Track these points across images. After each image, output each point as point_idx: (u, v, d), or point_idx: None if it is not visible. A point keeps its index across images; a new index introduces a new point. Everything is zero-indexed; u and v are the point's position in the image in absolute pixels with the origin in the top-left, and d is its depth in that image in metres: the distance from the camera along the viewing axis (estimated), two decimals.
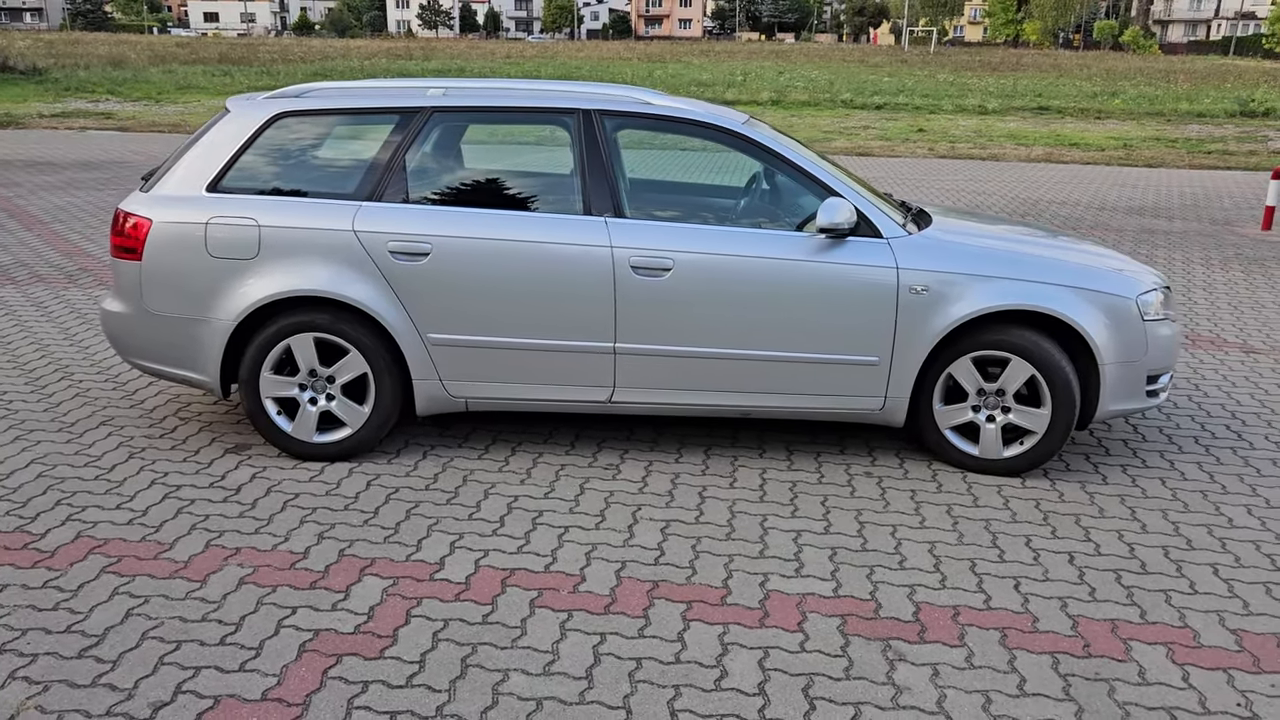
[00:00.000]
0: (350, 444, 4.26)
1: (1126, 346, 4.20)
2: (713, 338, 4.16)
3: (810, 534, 3.77)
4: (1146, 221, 11.44)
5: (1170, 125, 25.12)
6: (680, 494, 4.08)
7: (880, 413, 4.29)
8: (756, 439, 4.67)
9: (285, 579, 3.36)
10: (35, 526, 3.67)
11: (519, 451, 4.47)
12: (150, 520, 3.74)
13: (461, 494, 4.04)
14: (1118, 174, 16.16)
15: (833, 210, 4.04)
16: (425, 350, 4.18)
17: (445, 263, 4.10)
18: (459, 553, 3.56)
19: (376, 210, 4.15)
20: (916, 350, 4.16)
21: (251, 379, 4.19)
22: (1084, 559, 3.63)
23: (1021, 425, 4.24)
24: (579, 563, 3.51)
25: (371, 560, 3.50)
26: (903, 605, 3.29)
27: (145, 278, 4.18)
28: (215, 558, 3.48)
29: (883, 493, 4.14)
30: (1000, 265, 4.17)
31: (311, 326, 4.13)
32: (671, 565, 3.51)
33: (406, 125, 4.24)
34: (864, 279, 4.12)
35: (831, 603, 3.30)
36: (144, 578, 3.34)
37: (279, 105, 4.27)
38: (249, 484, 4.08)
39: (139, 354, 4.33)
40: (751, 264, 4.11)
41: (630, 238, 4.12)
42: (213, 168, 4.21)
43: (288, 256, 4.11)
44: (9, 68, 30.12)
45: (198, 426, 4.67)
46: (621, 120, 4.30)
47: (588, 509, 3.93)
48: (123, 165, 14.02)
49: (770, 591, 3.36)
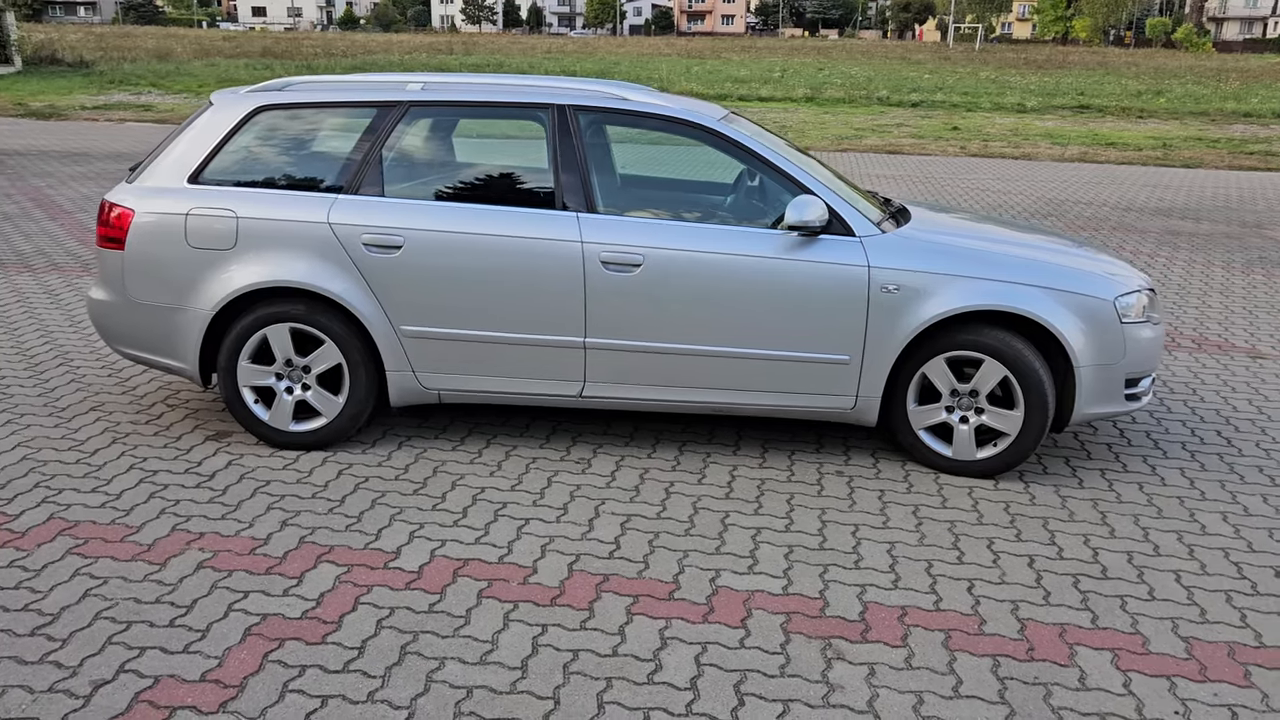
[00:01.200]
0: (325, 433, 4.32)
1: (1104, 349, 4.14)
2: (683, 334, 4.16)
3: (770, 531, 3.77)
4: (1173, 223, 11.23)
5: (1214, 125, 24.61)
6: (647, 489, 4.10)
7: (852, 412, 4.27)
8: (733, 436, 4.67)
9: (243, 564, 3.42)
10: (11, 508, 3.77)
11: (494, 444, 4.51)
12: (123, 504, 3.83)
13: (430, 485, 4.08)
14: (1153, 174, 15.88)
15: (802, 207, 4.03)
16: (398, 342, 4.23)
17: (418, 256, 4.14)
18: (416, 542, 3.61)
19: (351, 203, 4.20)
20: (888, 350, 4.14)
21: (229, 367, 4.27)
22: (1044, 562, 3.59)
23: (994, 427, 4.20)
24: (533, 555, 3.54)
25: (330, 548, 3.55)
26: (850, 604, 3.28)
27: (128, 267, 4.27)
28: (179, 542, 3.56)
29: (851, 492, 4.13)
30: (974, 265, 4.13)
31: (287, 317, 4.20)
32: (625, 559, 3.53)
33: (384, 119, 4.29)
34: (835, 277, 4.10)
35: (779, 600, 3.29)
36: (107, 560, 3.42)
37: (260, 99, 4.35)
38: (223, 470, 4.15)
39: (123, 341, 4.42)
40: (722, 260, 4.11)
41: (601, 233, 4.14)
42: (194, 159, 4.29)
43: (264, 248, 4.17)
44: (57, 60, 30.79)
45: (183, 414, 4.76)
46: (596, 116, 4.32)
47: (551, 502, 3.96)
48: None
49: (719, 588, 3.36)
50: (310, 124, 4.42)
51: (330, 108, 4.36)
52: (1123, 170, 16.33)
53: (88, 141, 15.75)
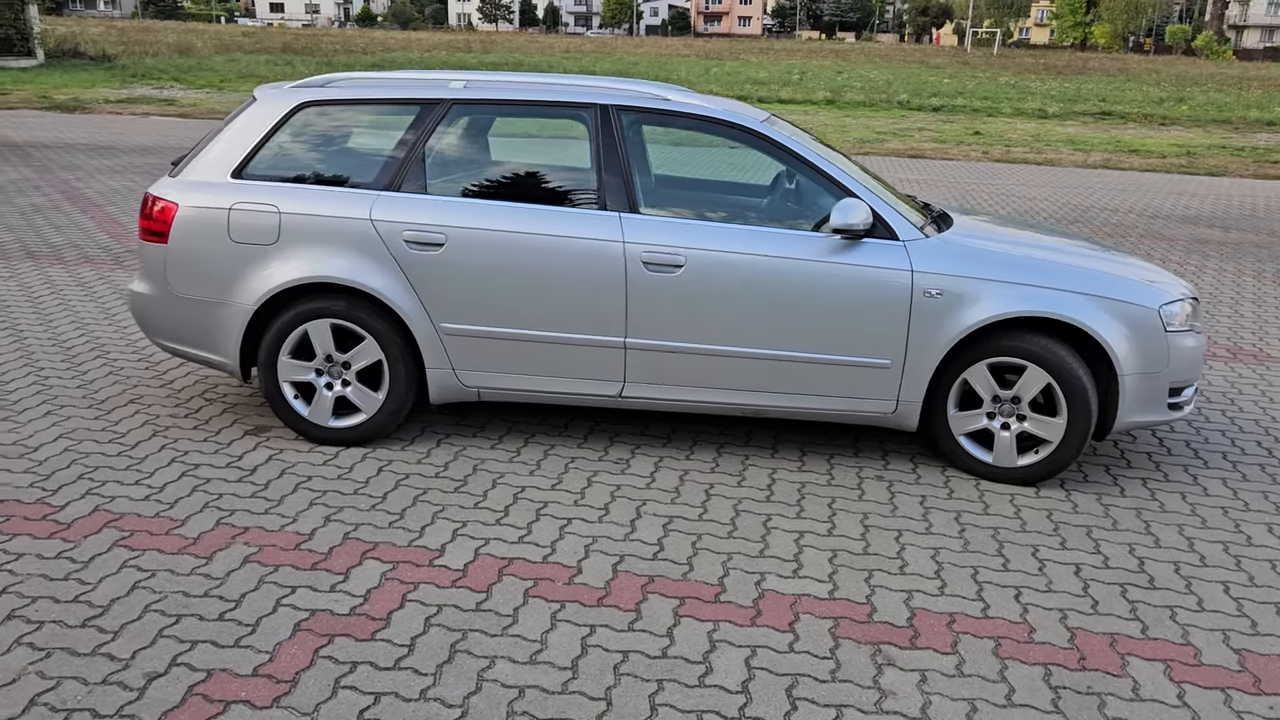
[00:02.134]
0: (364, 429, 4.33)
1: (1148, 357, 4.11)
2: (723, 335, 4.15)
3: (813, 535, 3.75)
4: (1200, 231, 11.16)
5: (1238, 133, 24.47)
6: (687, 491, 4.09)
7: (892, 416, 4.25)
8: (770, 439, 4.66)
9: (289, 559, 3.43)
10: (56, 499, 3.79)
11: (532, 443, 4.50)
12: (166, 497, 3.84)
13: (470, 482, 4.08)
14: (1177, 182, 15.78)
15: (847, 211, 4.01)
16: (438, 339, 4.23)
17: (459, 253, 4.14)
18: (460, 540, 3.61)
19: (394, 200, 4.20)
20: (930, 355, 4.12)
21: (270, 362, 4.27)
22: (1090, 571, 3.57)
23: (1036, 434, 4.18)
24: (577, 555, 3.54)
25: (374, 544, 3.55)
26: (898, 610, 3.26)
27: (170, 261, 4.28)
28: (224, 535, 3.57)
29: (892, 497, 4.11)
30: (1019, 271, 4.11)
31: (328, 313, 4.21)
32: (669, 561, 3.52)
33: (427, 117, 4.29)
34: (877, 281, 4.09)
35: (826, 605, 3.28)
36: (153, 552, 3.43)
37: (304, 94, 4.35)
38: (264, 465, 4.16)
39: (163, 334, 4.44)
40: (764, 262, 4.10)
41: (643, 233, 4.13)
42: (238, 154, 4.30)
43: (306, 243, 4.18)
44: (80, 54, 30.96)
45: (221, 408, 4.77)
46: (639, 116, 4.31)
47: (593, 502, 3.95)
48: (180, 151, 14.34)
49: (765, 591, 3.35)
50: (353, 120, 4.42)
51: (373, 104, 4.37)
52: (1147, 178, 16.24)
53: (113, 135, 15.82)
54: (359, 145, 4.41)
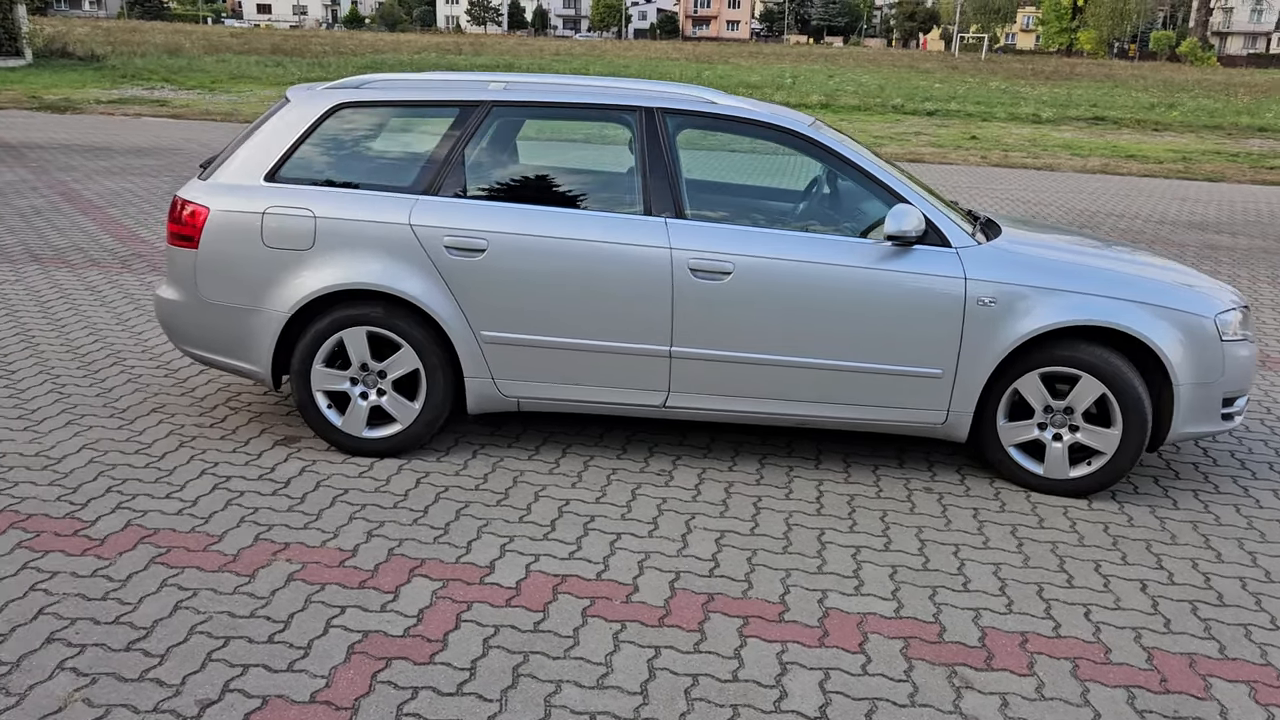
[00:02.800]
0: (400, 440, 4.21)
1: (1203, 367, 4.04)
2: (771, 344, 4.05)
3: (870, 550, 3.65)
4: (1209, 237, 11.14)
5: (1231, 139, 24.57)
6: (735, 504, 3.98)
7: (942, 427, 4.16)
8: (813, 449, 4.56)
9: (334, 577, 3.30)
10: (86, 513, 3.65)
11: (570, 453, 4.39)
12: (200, 511, 3.71)
13: (512, 495, 3.96)
14: (1177, 187, 15.79)
15: (901, 217, 3.92)
16: (478, 348, 4.11)
17: (501, 260, 4.03)
18: (509, 556, 3.49)
19: (433, 204, 4.09)
20: (982, 364, 4.03)
21: (303, 371, 4.15)
22: (1156, 588, 3.48)
23: (1090, 445, 4.09)
24: (631, 571, 3.43)
25: (421, 561, 3.43)
26: (968, 629, 3.17)
27: (200, 266, 4.15)
28: (264, 552, 3.44)
29: (944, 510, 4.02)
30: (1073, 279, 4.02)
31: (365, 320, 4.08)
32: (727, 578, 3.42)
33: (466, 119, 4.17)
34: (930, 289, 3.99)
35: (894, 624, 3.18)
36: (193, 570, 3.30)
37: (339, 96, 4.23)
38: (298, 477, 4.03)
39: (192, 342, 4.30)
40: (814, 270, 4.00)
41: (690, 239, 4.03)
42: (271, 157, 4.17)
43: (343, 249, 4.06)
44: (68, 54, 30.65)
45: (248, 417, 4.64)
46: (684, 119, 4.21)
47: (640, 515, 3.84)
48: (176, 152, 14.16)
49: (829, 609, 3.25)
50: (389, 123, 4.30)
51: (410, 106, 4.25)
52: (1146, 183, 16.24)
53: (107, 136, 15.61)
54: (396, 148, 4.29)
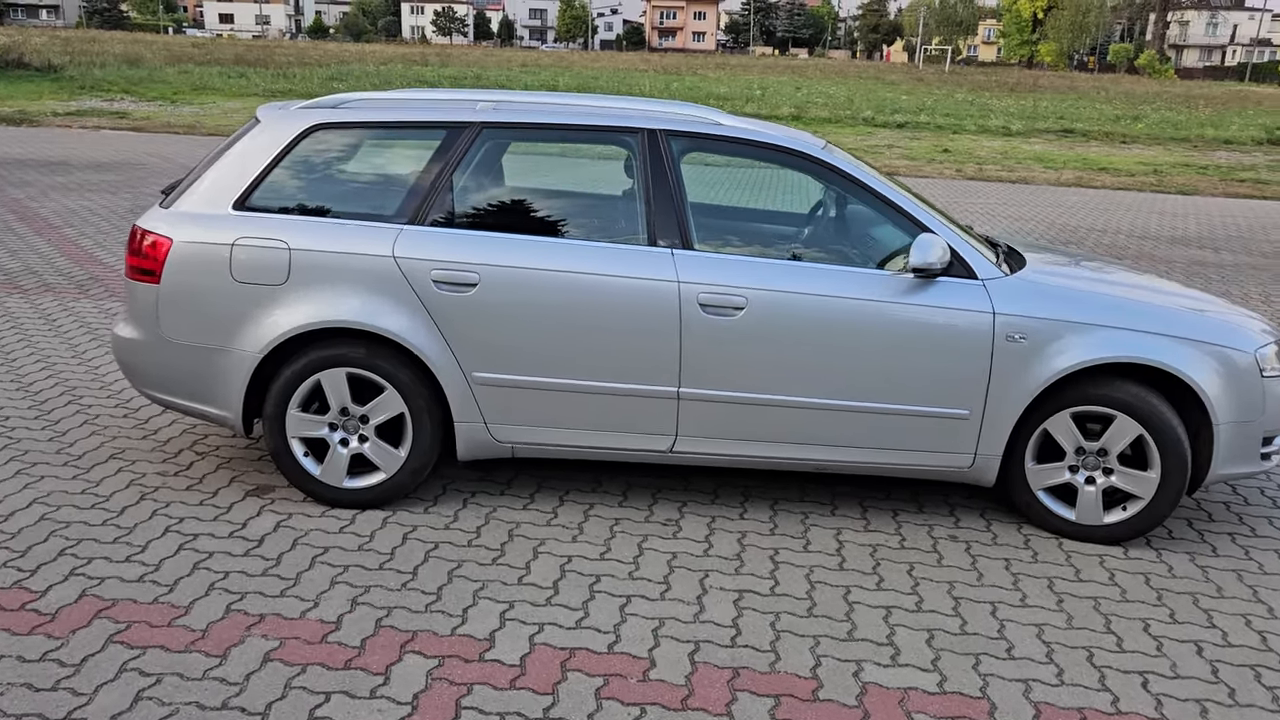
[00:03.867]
0: (384, 490, 3.87)
1: (1243, 405, 3.79)
2: (788, 385, 3.76)
3: (901, 611, 3.36)
4: (1194, 253, 11.02)
5: (1198, 151, 24.72)
6: (750, 558, 3.68)
7: (969, 471, 3.88)
8: (826, 493, 4.27)
9: (316, 655, 2.96)
10: (35, 582, 3.28)
11: (568, 501, 4.07)
12: (164, 577, 3.35)
13: (508, 551, 3.64)
14: (1152, 200, 15.74)
15: (927, 248, 3.65)
16: (469, 390, 3.78)
17: (495, 294, 3.71)
18: (510, 626, 3.16)
19: (419, 235, 3.76)
20: (1012, 404, 3.76)
21: (277, 416, 3.80)
22: (1213, 650, 3.22)
23: (1125, 489, 3.84)
24: (646, 642, 3.11)
25: (412, 634, 3.09)
26: (1021, 707, 2.88)
27: (163, 302, 3.79)
28: (237, 626, 3.08)
29: (973, 561, 3.74)
30: (1109, 313, 3.77)
31: (345, 361, 3.74)
32: (751, 648, 3.11)
33: (454, 142, 3.85)
34: (957, 324, 3.72)
35: (938, 701, 2.89)
36: (156, 650, 2.94)
37: (314, 116, 3.89)
38: (273, 534, 3.68)
39: (153, 384, 3.94)
40: (833, 304, 3.72)
41: (699, 272, 3.73)
42: (240, 183, 3.82)
43: (321, 283, 3.72)
44: (24, 64, 29.88)
45: (215, 463, 4.27)
46: (689, 142, 3.91)
47: (649, 574, 3.53)
48: (137, 167, 13.68)
49: (866, 684, 2.95)
50: (370, 146, 3.97)
51: (392, 128, 3.91)
52: (1121, 196, 16.20)
53: (65, 150, 15.08)
54: (377, 173, 3.96)
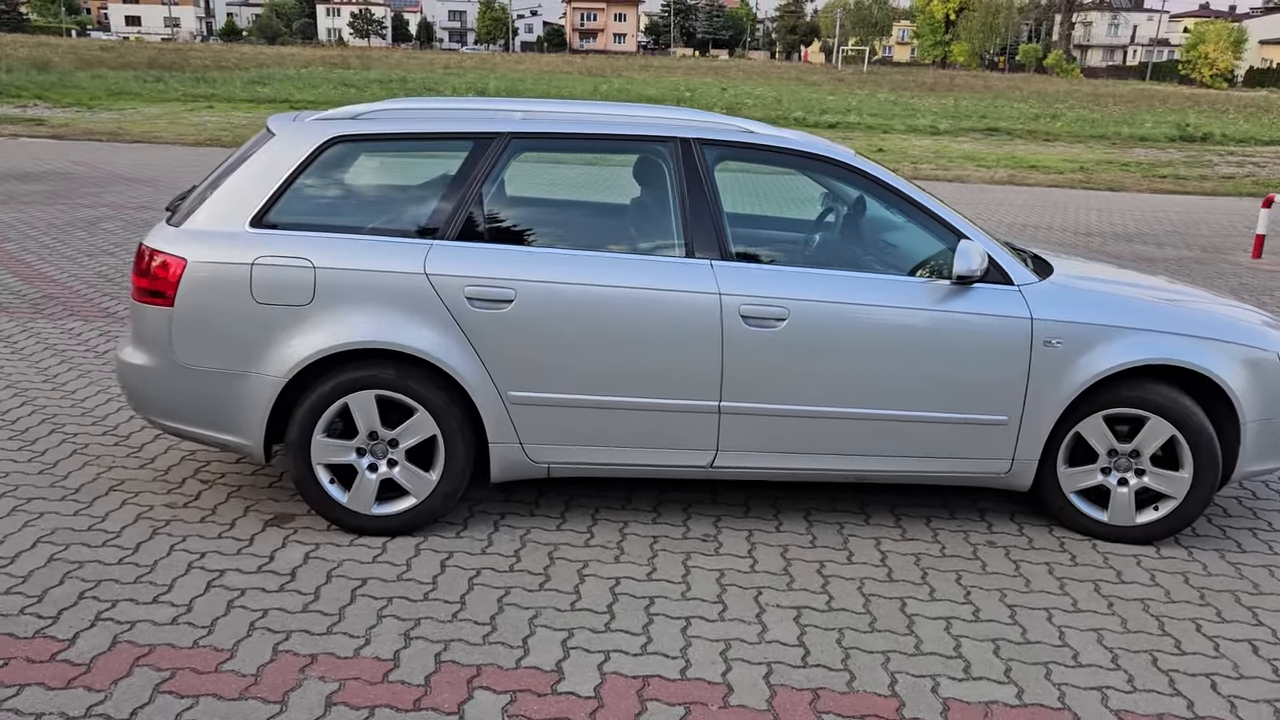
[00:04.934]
0: (414, 516, 3.72)
1: (1269, 402, 3.87)
2: (830, 396, 3.72)
3: (961, 622, 3.34)
4: (1138, 249, 11.33)
5: (1117, 149, 25.51)
6: (798, 572, 3.62)
7: (1006, 476, 3.89)
8: (855, 502, 4.24)
9: (382, 696, 2.81)
10: (60, 629, 3.06)
11: (601, 520, 3.96)
12: (198, 618, 3.16)
13: (553, 576, 3.52)
14: (1084, 197, 16.17)
15: (969, 256, 3.64)
16: (504, 409, 3.66)
17: (531, 310, 3.59)
18: (575, 655, 3.05)
19: (451, 250, 3.62)
20: (1050, 408, 3.78)
21: (302, 442, 3.62)
22: (1269, 649, 3.26)
23: (1157, 489, 3.88)
24: (718, 666, 3.03)
25: (477, 668, 2.96)
26: (1103, 716, 2.87)
27: (177, 325, 3.59)
28: (289, 668, 2.92)
29: (1017, 567, 3.74)
30: (1141, 316, 3.81)
31: (374, 383, 3.59)
32: (824, 667, 3.05)
33: (482, 153, 3.72)
34: (996, 330, 3.72)
35: (1022, 714, 2.86)
36: (209, 699, 2.76)
37: (333, 128, 3.72)
38: (303, 566, 3.51)
39: (163, 412, 3.73)
40: (875, 313, 3.69)
41: (740, 284, 3.67)
42: (257, 199, 3.64)
43: (348, 303, 3.56)
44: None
45: (225, 492, 4.07)
46: (723, 150, 3.85)
47: (702, 594, 3.45)
48: (65, 176, 13.11)
49: (947, 700, 2.92)
50: (393, 158, 3.82)
51: (415, 139, 3.76)
52: (1055, 193, 16.59)
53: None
54: (400, 187, 3.81)
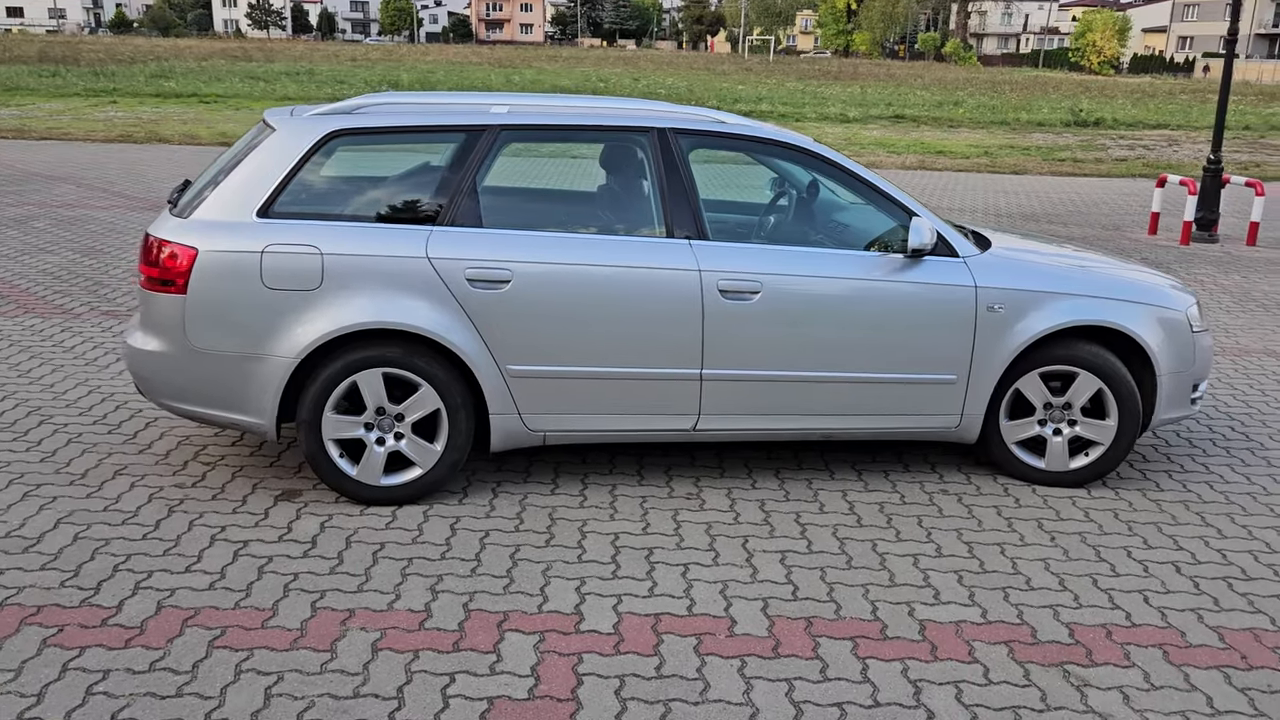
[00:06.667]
0: (421, 486, 3.97)
1: (1179, 357, 4.37)
2: (799, 361, 4.09)
3: (926, 558, 3.75)
4: (1046, 228, 12.03)
5: (1016, 134, 26.60)
6: (778, 522, 3.99)
7: (956, 430, 4.32)
8: (819, 459, 4.63)
9: (423, 641, 3.08)
10: (104, 598, 3.25)
11: (590, 484, 4.27)
12: (233, 583, 3.37)
13: (557, 534, 3.82)
14: (991, 181, 16.96)
15: (922, 232, 4.04)
16: (504, 383, 3.94)
17: (527, 290, 3.87)
18: (591, 600, 3.36)
19: (450, 235, 3.88)
20: (993, 367, 4.21)
21: (313, 420, 3.85)
22: (1190, 569, 3.74)
23: (1088, 437, 4.35)
24: (720, 603, 3.37)
25: (504, 614, 3.25)
26: (1055, 628, 3.30)
27: (190, 312, 3.77)
28: (330, 622, 3.17)
29: (969, 510, 4.17)
30: (1070, 282, 4.27)
31: (381, 361, 3.83)
32: (813, 599, 3.42)
33: (475, 144, 3.98)
34: (946, 299, 4.14)
35: (989, 629, 3.27)
36: (264, 651, 3.00)
37: (332, 122, 3.94)
38: (322, 535, 3.74)
39: (175, 395, 3.91)
40: (839, 285, 4.07)
41: (716, 260, 4.01)
42: (263, 191, 3.84)
43: (355, 286, 3.79)
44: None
45: (229, 472, 4.25)
46: (697, 139, 4.18)
47: (695, 544, 3.78)
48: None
49: (923, 621, 3.31)
50: (391, 150, 4.05)
51: (411, 132, 4.01)
52: (963, 178, 17.36)
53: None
54: (398, 177, 4.04)
